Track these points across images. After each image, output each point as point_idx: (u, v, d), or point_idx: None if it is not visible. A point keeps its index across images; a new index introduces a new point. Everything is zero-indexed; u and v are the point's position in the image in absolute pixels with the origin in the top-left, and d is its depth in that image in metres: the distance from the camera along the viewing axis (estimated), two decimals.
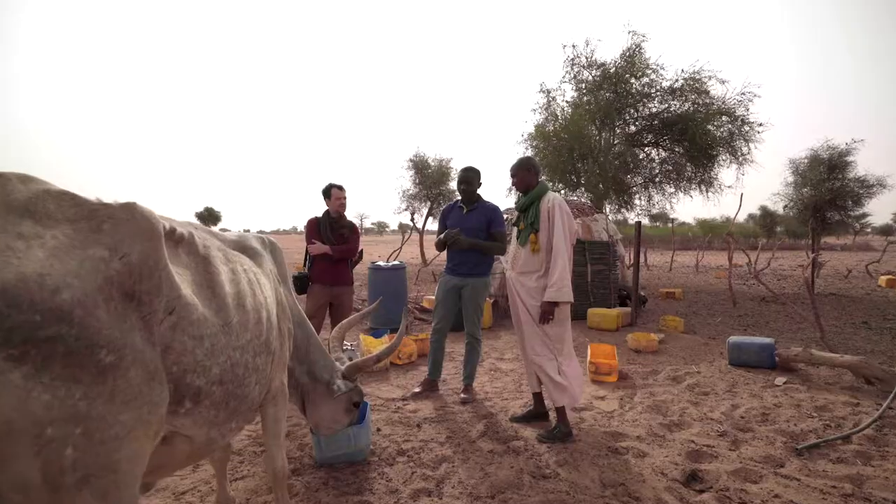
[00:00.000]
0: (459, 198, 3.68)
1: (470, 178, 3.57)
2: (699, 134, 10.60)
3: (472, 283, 3.53)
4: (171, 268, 1.17)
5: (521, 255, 2.94)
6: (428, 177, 19.01)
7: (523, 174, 2.97)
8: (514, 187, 3.04)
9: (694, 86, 11.04)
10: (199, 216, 56.23)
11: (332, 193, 3.98)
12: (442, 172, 18.92)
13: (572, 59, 12.58)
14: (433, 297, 6.84)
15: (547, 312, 2.77)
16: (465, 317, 3.59)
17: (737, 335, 5.43)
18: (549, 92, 12.99)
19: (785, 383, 3.80)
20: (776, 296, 6.81)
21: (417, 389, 3.62)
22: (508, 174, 3.05)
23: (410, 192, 19.35)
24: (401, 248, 10.85)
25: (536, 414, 3.11)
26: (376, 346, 4.61)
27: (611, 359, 4.17)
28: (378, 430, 2.95)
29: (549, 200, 2.86)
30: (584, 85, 12.75)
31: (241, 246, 1.78)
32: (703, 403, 3.39)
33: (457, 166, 19.51)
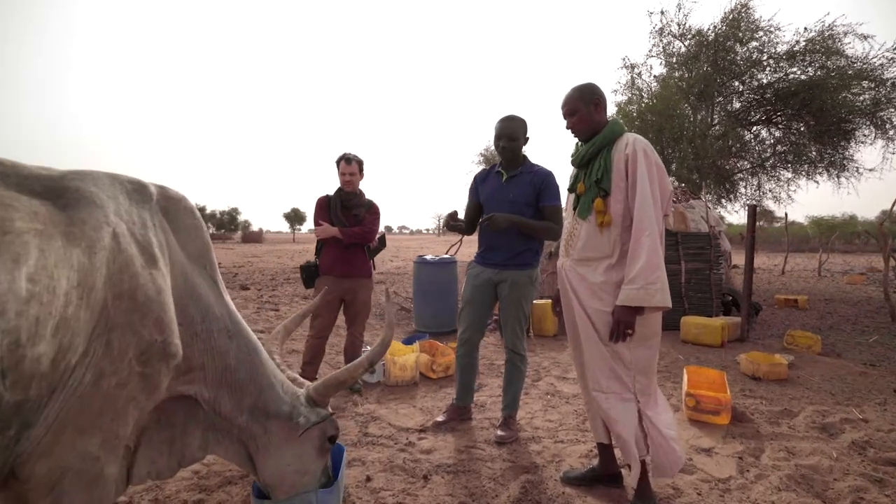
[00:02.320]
0: (499, 162, 2.71)
1: (512, 130, 2.55)
2: (830, 105, 8.48)
3: (512, 278, 2.54)
4: None
5: (581, 232, 1.90)
6: None
7: (585, 109, 1.91)
8: (570, 131, 2.00)
9: (823, 45, 8.89)
10: (286, 216, 60.08)
11: (340, 167, 3.21)
12: None
13: (661, 29, 10.91)
14: None
15: (623, 323, 1.71)
16: (503, 324, 2.62)
17: None
18: (632, 67, 11.39)
19: None
20: None
21: (441, 418, 2.70)
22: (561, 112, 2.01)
23: None
24: (460, 242, 9.94)
25: (603, 475, 2.05)
26: (405, 353, 3.78)
27: (720, 390, 2.94)
28: (368, 479, 2.08)
29: (628, 145, 1.79)
30: (675, 58, 11.02)
31: (55, 186, 1.00)
32: (892, 483, 2.08)
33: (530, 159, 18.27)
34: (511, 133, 2.54)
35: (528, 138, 2.64)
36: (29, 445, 0.88)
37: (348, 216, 3.24)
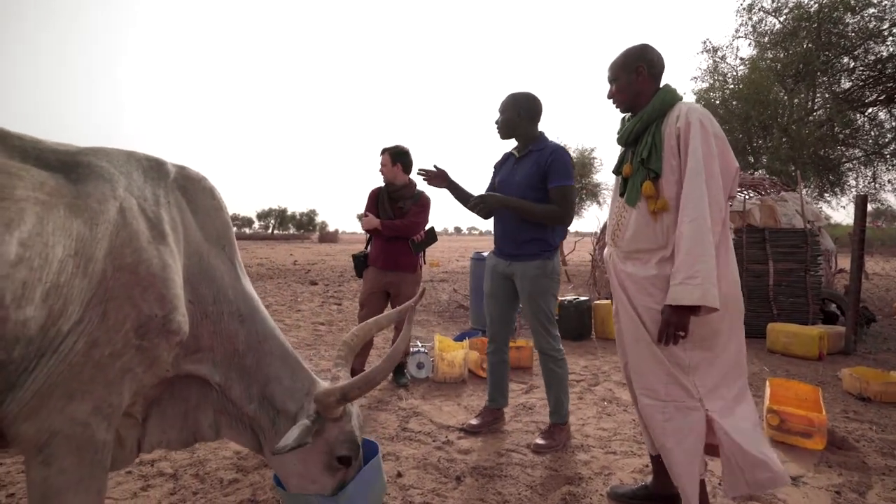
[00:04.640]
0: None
1: (504, 104, 2.38)
2: None
3: (521, 271, 2.31)
4: None
5: (630, 220, 1.66)
6: None
7: (625, 77, 1.67)
8: (614, 103, 1.77)
9: None
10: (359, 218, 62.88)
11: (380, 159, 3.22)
12: (584, 163, 17.10)
13: (750, 5, 9.87)
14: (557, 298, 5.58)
15: (674, 325, 1.47)
16: (527, 324, 2.44)
17: None
18: (715, 51, 10.43)
19: None
20: None
21: (475, 421, 2.55)
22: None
23: None
24: None
25: (656, 495, 1.80)
26: (454, 350, 3.69)
27: (812, 408, 2.51)
28: (399, 475, 2.01)
29: (681, 116, 1.53)
30: (767, 37, 9.91)
31: (70, 161, 1.05)
32: None
33: (601, 156, 17.40)
34: (502, 107, 2.40)
35: (532, 115, 2.37)
36: (15, 407, 0.91)
37: (395, 208, 3.22)
